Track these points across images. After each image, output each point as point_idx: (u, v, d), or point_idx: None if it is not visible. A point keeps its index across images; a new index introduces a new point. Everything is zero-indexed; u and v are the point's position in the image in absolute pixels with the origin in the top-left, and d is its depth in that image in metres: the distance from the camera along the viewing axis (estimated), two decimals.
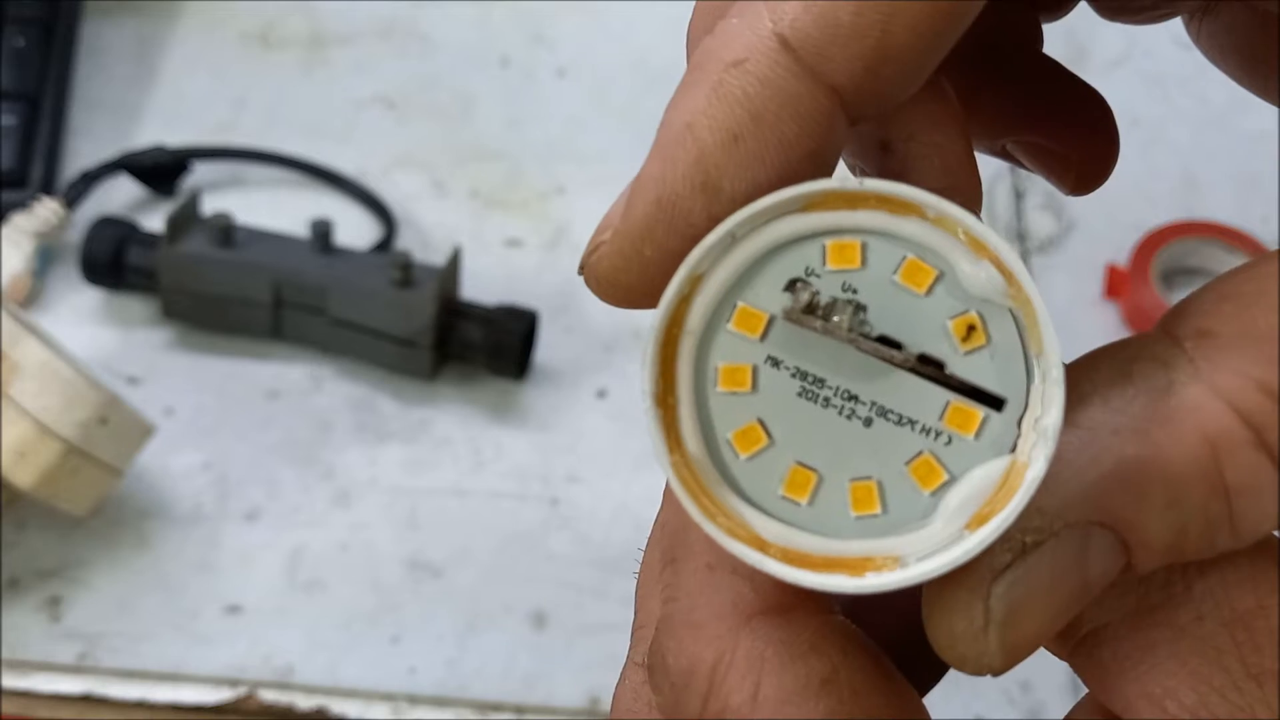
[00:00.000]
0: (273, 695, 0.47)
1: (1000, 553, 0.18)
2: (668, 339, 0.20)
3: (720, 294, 0.19)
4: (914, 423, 0.19)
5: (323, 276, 0.53)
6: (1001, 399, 0.19)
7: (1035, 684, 0.50)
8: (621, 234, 0.20)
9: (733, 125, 0.19)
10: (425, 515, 0.52)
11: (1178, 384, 0.18)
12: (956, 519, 0.19)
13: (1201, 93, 0.66)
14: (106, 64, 0.63)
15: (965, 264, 0.19)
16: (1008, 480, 0.19)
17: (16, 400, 0.44)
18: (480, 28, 0.66)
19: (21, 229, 0.55)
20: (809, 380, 0.19)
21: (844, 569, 0.19)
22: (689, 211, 0.19)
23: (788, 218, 0.19)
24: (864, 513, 0.19)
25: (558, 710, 0.48)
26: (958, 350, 0.19)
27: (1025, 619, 0.19)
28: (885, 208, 0.19)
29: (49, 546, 0.50)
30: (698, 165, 0.19)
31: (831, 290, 0.19)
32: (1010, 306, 0.19)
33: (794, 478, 0.19)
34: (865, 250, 0.19)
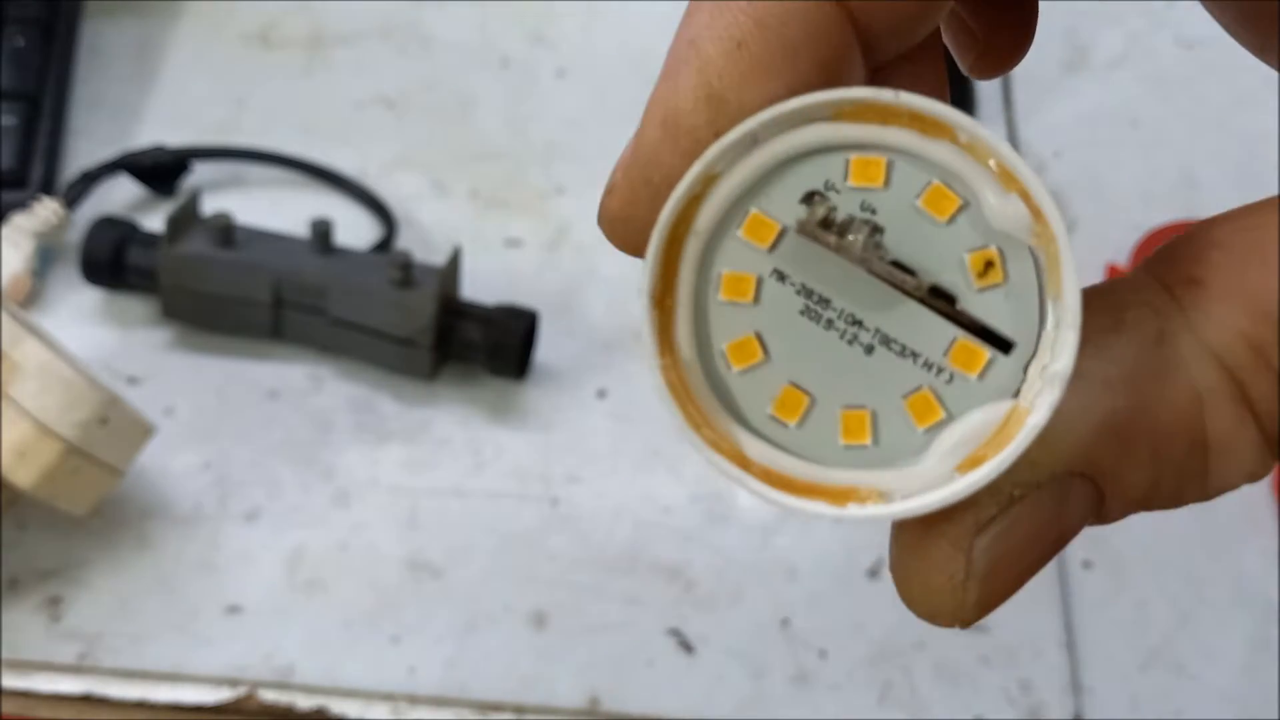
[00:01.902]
0: (273, 695, 0.47)
1: (986, 504, 0.18)
2: (673, 237, 0.19)
3: (734, 197, 0.18)
4: (917, 355, 0.18)
5: (323, 276, 0.53)
6: (1011, 341, 0.18)
7: (1035, 684, 0.50)
8: (628, 164, 0.19)
9: (736, 32, 0.18)
10: (425, 515, 0.52)
11: (1168, 334, 0.18)
12: (949, 459, 0.18)
13: (1201, 93, 0.66)
14: (106, 64, 0.63)
15: (992, 196, 0.18)
16: (1006, 425, 0.18)
17: (16, 400, 0.44)
18: (480, 28, 0.66)
19: (21, 229, 0.55)
20: (814, 299, 0.18)
21: (825, 496, 0.19)
22: (694, 128, 0.18)
23: (815, 125, 0.18)
24: (853, 442, 0.19)
25: (558, 710, 0.48)
26: (972, 285, 0.18)
27: (1003, 573, 0.18)
28: (917, 127, 0.18)
29: (49, 546, 0.50)
30: (700, 77, 0.18)
31: (850, 207, 0.18)
32: (1032, 245, 0.18)
33: (785, 398, 0.19)
34: (890, 169, 0.18)
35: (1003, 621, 0.51)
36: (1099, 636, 0.51)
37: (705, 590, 0.51)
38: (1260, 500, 0.54)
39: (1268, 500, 0.54)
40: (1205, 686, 0.51)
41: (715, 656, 0.50)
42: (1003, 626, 0.51)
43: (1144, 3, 0.69)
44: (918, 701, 0.49)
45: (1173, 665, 0.51)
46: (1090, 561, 0.53)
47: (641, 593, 0.51)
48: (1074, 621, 0.51)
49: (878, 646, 0.50)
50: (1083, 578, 0.52)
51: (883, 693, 0.49)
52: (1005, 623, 0.51)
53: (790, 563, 0.52)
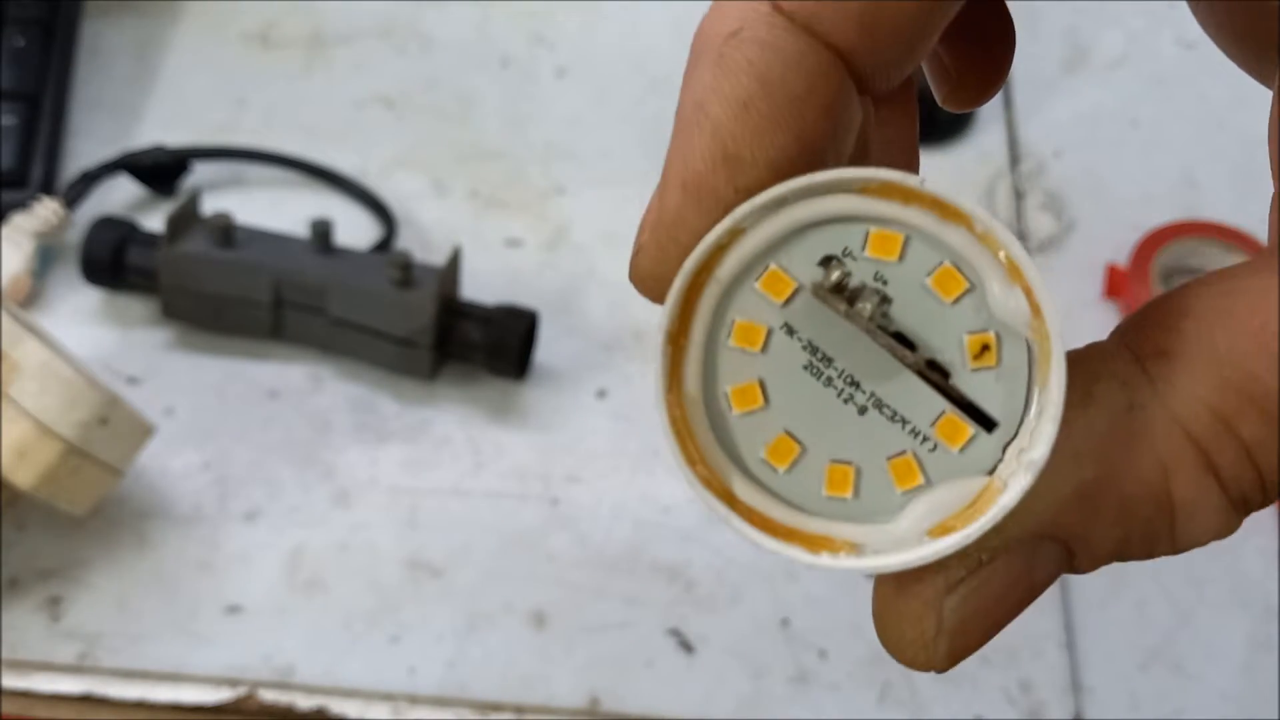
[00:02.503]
0: (273, 695, 0.47)
1: (955, 568, 0.19)
2: (695, 283, 0.20)
3: (757, 252, 0.19)
4: (906, 422, 0.19)
5: (323, 276, 0.53)
6: (995, 421, 0.19)
7: (1035, 684, 0.50)
8: (655, 226, 0.20)
9: (740, 93, 0.19)
10: (425, 515, 0.52)
11: (1136, 406, 0.19)
12: (921, 523, 0.19)
13: (1201, 93, 0.66)
14: (106, 64, 0.63)
15: (997, 286, 0.19)
16: (979, 499, 0.19)
17: (16, 400, 0.44)
18: (480, 28, 0.66)
19: (21, 229, 0.55)
20: (818, 356, 0.20)
21: (802, 542, 0.20)
22: (715, 188, 0.19)
23: (841, 196, 0.19)
24: (835, 494, 0.20)
25: (558, 710, 0.48)
26: (967, 365, 0.19)
27: (973, 628, 0.20)
28: (936, 211, 0.19)
29: (49, 546, 0.50)
30: (714, 140, 0.19)
31: (863, 276, 0.19)
32: (1029, 337, 0.19)
33: (779, 444, 0.20)
34: (906, 246, 0.19)
35: None
36: (1099, 636, 0.51)
37: (705, 590, 0.51)
38: None
39: None
40: (1205, 686, 0.51)
41: (715, 656, 0.50)
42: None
43: (1144, 3, 0.69)
44: (917, 701, 0.49)
45: (1173, 665, 0.51)
46: None
47: (641, 593, 0.51)
48: (1074, 621, 0.51)
49: (878, 646, 0.50)
50: (1083, 578, 0.52)
51: (883, 693, 0.49)
52: None
53: (790, 563, 0.52)
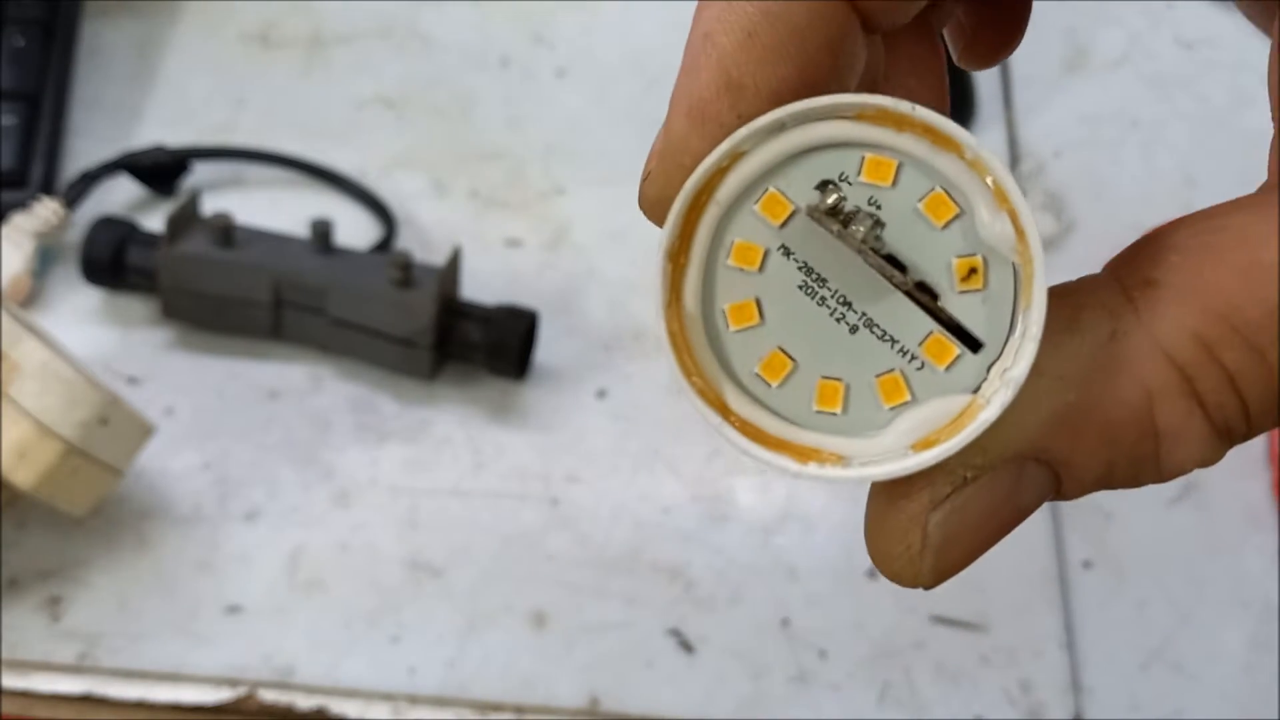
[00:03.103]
0: (273, 695, 0.47)
1: (940, 484, 0.20)
2: (695, 203, 0.20)
3: (756, 175, 0.20)
4: (895, 341, 0.20)
5: (323, 276, 0.53)
6: (980, 342, 0.20)
7: (1035, 684, 0.50)
8: (661, 152, 0.21)
9: (746, 23, 0.20)
10: (425, 515, 0.52)
11: (1120, 333, 0.19)
12: (906, 437, 0.20)
13: (1201, 93, 0.66)
14: (106, 64, 0.63)
15: (985, 211, 0.20)
16: (962, 416, 0.20)
17: (16, 400, 0.44)
18: (480, 28, 0.66)
19: (21, 229, 0.55)
20: (813, 276, 0.20)
21: (791, 452, 0.21)
22: (718, 114, 0.20)
23: (838, 122, 0.20)
24: (825, 408, 0.21)
25: (558, 710, 0.48)
26: (955, 287, 0.20)
27: (958, 545, 0.20)
28: (929, 138, 0.20)
29: (49, 546, 0.50)
30: (719, 67, 0.20)
31: (858, 200, 0.20)
32: (1014, 261, 0.20)
33: (772, 360, 0.21)
34: (899, 172, 0.20)
35: (1003, 621, 0.51)
36: (1099, 636, 0.51)
37: (705, 590, 0.51)
38: (1260, 500, 0.54)
39: (1268, 500, 0.54)
40: (1205, 686, 0.51)
41: (715, 656, 0.50)
42: (1003, 626, 0.51)
43: (1144, 3, 0.69)
44: (918, 701, 0.49)
45: (1173, 665, 0.51)
46: (1090, 561, 0.53)
47: (641, 593, 0.51)
48: (1074, 621, 0.51)
49: (878, 646, 0.50)
50: (1083, 578, 0.52)
51: (883, 693, 0.49)
52: (1005, 623, 0.51)
53: (790, 563, 0.52)
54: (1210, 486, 0.55)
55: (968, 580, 0.56)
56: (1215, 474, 0.55)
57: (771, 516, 0.53)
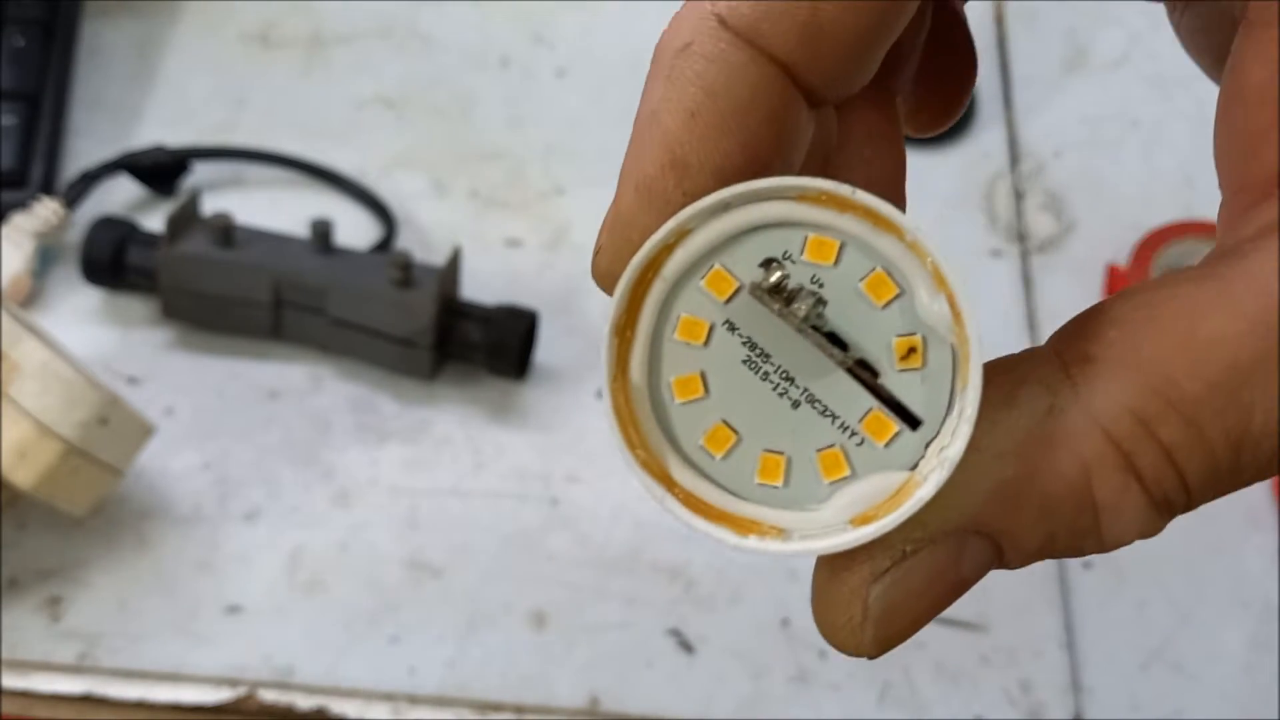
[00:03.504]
0: (273, 695, 0.47)
1: (880, 558, 0.20)
2: (642, 279, 0.21)
3: (701, 252, 0.21)
4: (836, 417, 0.21)
5: (323, 276, 0.53)
6: (919, 420, 0.20)
7: (1035, 684, 0.50)
8: (611, 226, 0.21)
9: (688, 103, 0.20)
10: (425, 515, 0.52)
11: (1057, 408, 0.20)
12: (845, 512, 0.21)
13: (1201, 93, 0.66)
14: (106, 64, 0.63)
15: (924, 292, 0.20)
16: (900, 492, 0.20)
17: (16, 400, 0.44)
18: (480, 28, 0.66)
19: (21, 229, 0.55)
20: (756, 351, 0.21)
21: (732, 524, 0.21)
22: (664, 191, 0.21)
23: (782, 202, 0.20)
24: (767, 481, 0.21)
25: (558, 710, 0.48)
26: (894, 365, 0.20)
27: (899, 616, 0.21)
28: (870, 220, 0.20)
29: (49, 546, 0.50)
30: (664, 146, 0.21)
31: (801, 278, 0.20)
32: (952, 342, 0.20)
33: (716, 433, 0.21)
34: (841, 251, 0.20)
35: (1003, 621, 0.51)
36: (1099, 636, 0.51)
37: (705, 590, 0.51)
38: (1260, 500, 0.54)
39: (1268, 500, 0.54)
40: (1205, 686, 0.51)
41: (715, 656, 0.50)
42: (1003, 626, 0.51)
43: (1144, 3, 0.69)
44: (918, 701, 0.49)
45: (1173, 665, 0.51)
46: (1090, 561, 0.53)
47: (641, 593, 0.51)
48: (1074, 621, 0.51)
49: None
50: (1083, 578, 0.52)
51: (883, 693, 0.49)
52: (1005, 623, 0.51)
53: (790, 563, 0.52)
54: None
55: None
56: None
57: None
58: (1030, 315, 0.59)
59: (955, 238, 0.61)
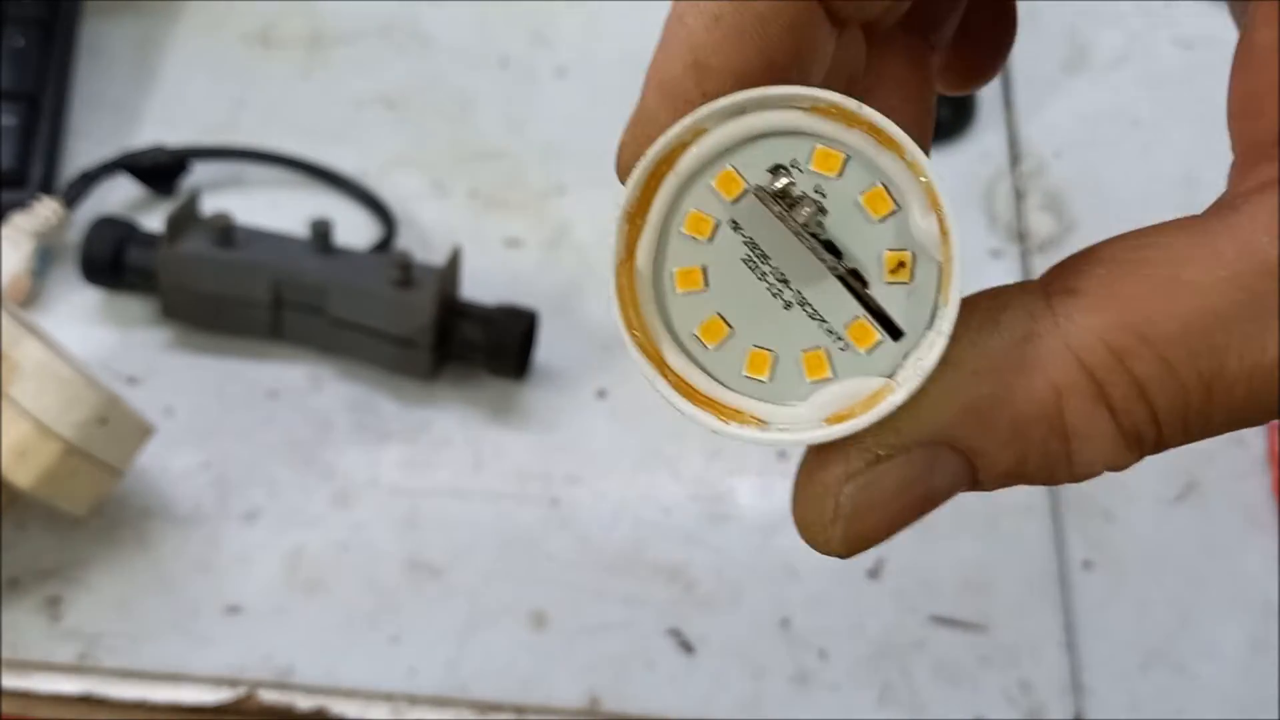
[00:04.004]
0: (273, 695, 0.47)
1: (855, 458, 0.21)
2: (656, 171, 0.22)
3: (714, 152, 0.22)
4: (823, 321, 0.22)
5: (322, 276, 0.53)
6: (901, 331, 0.21)
7: (1035, 684, 0.50)
8: (633, 122, 0.22)
9: (714, 8, 0.21)
10: (425, 515, 0.52)
11: (1036, 334, 0.21)
12: (822, 410, 0.22)
13: (1201, 93, 0.66)
14: (106, 64, 0.63)
15: (917, 211, 0.21)
16: (875, 396, 0.21)
17: (16, 400, 0.44)
18: (480, 28, 0.66)
19: (21, 229, 0.55)
20: (757, 252, 0.22)
21: (716, 410, 0.22)
22: (685, 89, 0.22)
23: (794, 112, 0.21)
24: (753, 375, 0.22)
25: (558, 710, 0.48)
26: (883, 278, 0.21)
27: (868, 517, 0.21)
28: (874, 136, 0.21)
29: (49, 546, 0.50)
30: (687, 47, 0.21)
31: (805, 186, 0.21)
32: (939, 260, 0.21)
33: (710, 324, 0.22)
34: (845, 165, 0.21)
35: (1003, 621, 0.51)
36: (1099, 636, 0.51)
37: (705, 590, 0.51)
38: (1260, 500, 0.54)
39: (1268, 500, 0.54)
40: (1205, 686, 0.51)
41: (715, 656, 0.50)
42: (1003, 626, 0.51)
43: (1144, 3, 0.69)
44: (918, 701, 0.49)
45: (1173, 665, 0.51)
46: (1090, 561, 0.53)
47: (641, 593, 0.51)
48: (1074, 621, 0.51)
49: (878, 646, 0.50)
50: (1083, 578, 0.52)
51: (883, 693, 0.49)
52: (1005, 623, 0.51)
53: (790, 563, 0.52)
54: (1210, 486, 0.55)
55: (968, 580, 0.56)
56: (1215, 474, 0.55)
57: (771, 516, 0.53)
58: None
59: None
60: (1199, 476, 0.55)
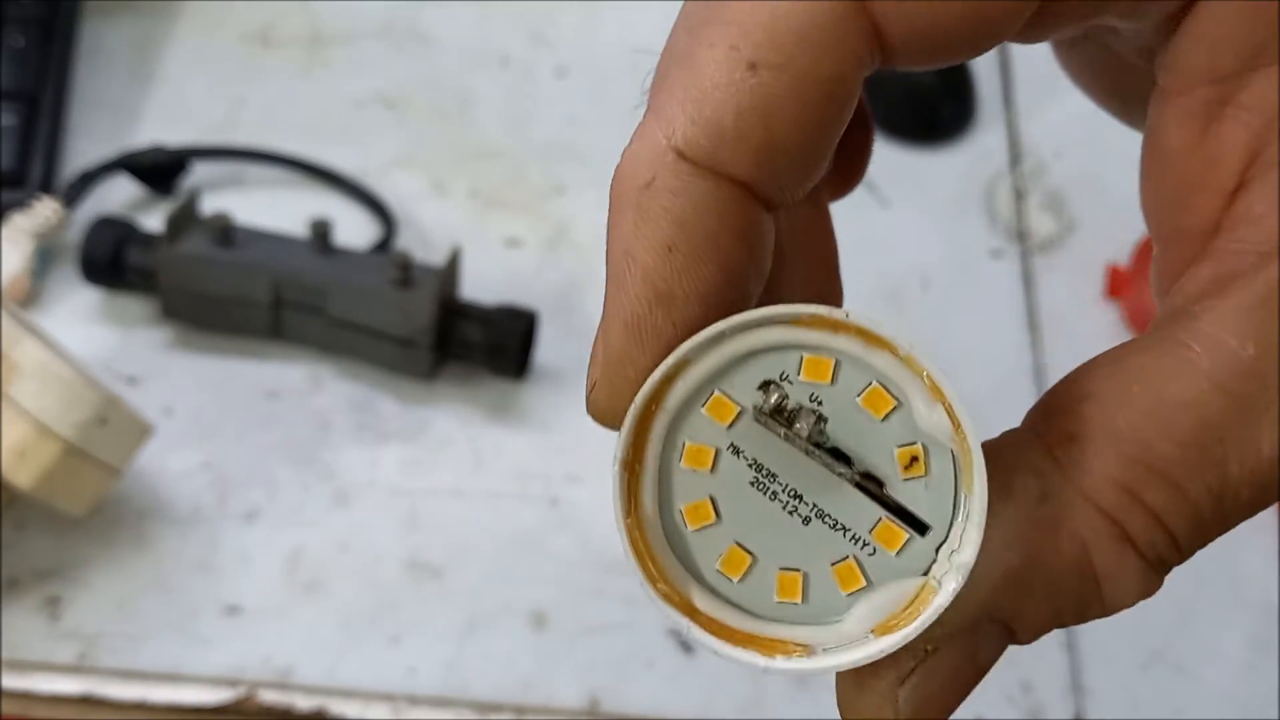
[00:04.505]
0: (272, 696, 0.47)
1: (905, 660, 0.21)
2: (646, 413, 0.22)
3: (701, 381, 0.21)
4: (846, 530, 0.21)
5: (322, 276, 0.53)
6: (927, 526, 0.21)
7: (1035, 684, 0.50)
8: (603, 364, 0.23)
9: (662, 239, 0.21)
10: (425, 515, 0.52)
11: (1050, 493, 0.21)
12: (865, 622, 0.21)
13: None
14: (106, 64, 0.63)
15: (921, 403, 0.21)
16: (917, 599, 0.21)
17: (16, 400, 0.44)
18: (480, 28, 0.66)
19: (21, 229, 0.55)
20: (763, 473, 0.21)
21: (758, 646, 0.22)
22: (654, 325, 0.21)
23: (776, 328, 0.21)
24: (786, 599, 0.21)
25: (558, 710, 0.48)
26: (899, 475, 0.21)
27: (929, 712, 0.22)
28: (862, 338, 0.21)
29: (49, 546, 0.50)
30: (645, 283, 0.21)
31: (800, 397, 0.21)
32: (952, 449, 0.21)
33: (731, 556, 0.22)
34: (837, 369, 0.21)
35: None
36: (1099, 636, 0.51)
37: None
38: None
39: None
40: (1205, 686, 0.51)
41: (715, 657, 0.50)
42: None
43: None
44: None
45: (1173, 665, 0.51)
46: None
47: (641, 593, 0.51)
48: None
49: None
50: None
51: None
52: None
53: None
54: None
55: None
56: None
57: None
58: (1031, 315, 0.59)
59: (955, 238, 0.61)
60: None
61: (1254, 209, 0.21)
